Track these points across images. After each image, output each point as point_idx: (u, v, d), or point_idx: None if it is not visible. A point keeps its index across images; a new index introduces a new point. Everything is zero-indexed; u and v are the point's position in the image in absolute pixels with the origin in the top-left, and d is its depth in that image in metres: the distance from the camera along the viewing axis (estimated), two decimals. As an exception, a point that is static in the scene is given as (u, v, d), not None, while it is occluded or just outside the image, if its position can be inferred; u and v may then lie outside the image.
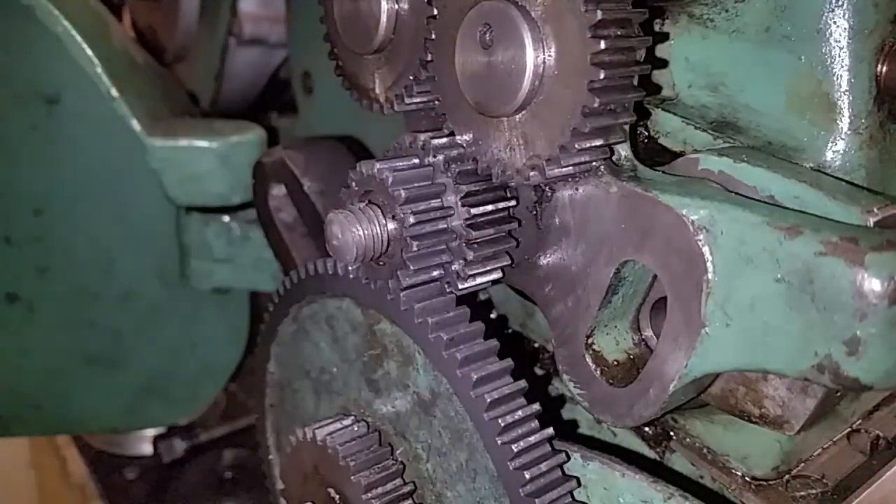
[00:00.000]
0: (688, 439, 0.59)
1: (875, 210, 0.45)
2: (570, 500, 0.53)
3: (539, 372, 0.70)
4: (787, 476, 0.55)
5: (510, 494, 0.52)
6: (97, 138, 0.96)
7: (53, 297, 1.02)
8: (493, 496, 0.54)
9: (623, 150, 0.51)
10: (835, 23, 0.48)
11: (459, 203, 0.52)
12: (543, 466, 0.52)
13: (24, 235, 0.99)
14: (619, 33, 0.45)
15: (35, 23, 0.90)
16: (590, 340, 0.53)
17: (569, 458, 0.54)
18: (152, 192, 0.96)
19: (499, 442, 0.51)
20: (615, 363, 0.53)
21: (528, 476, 0.51)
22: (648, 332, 0.54)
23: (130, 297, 1.04)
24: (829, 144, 0.49)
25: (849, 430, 0.58)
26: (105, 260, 1.01)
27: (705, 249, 0.45)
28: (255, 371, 0.74)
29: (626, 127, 0.50)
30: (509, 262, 0.54)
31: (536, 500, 0.51)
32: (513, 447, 0.51)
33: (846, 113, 0.49)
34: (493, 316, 0.72)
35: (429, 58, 0.55)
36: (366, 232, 0.51)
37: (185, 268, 1.02)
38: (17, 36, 0.91)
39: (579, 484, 0.54)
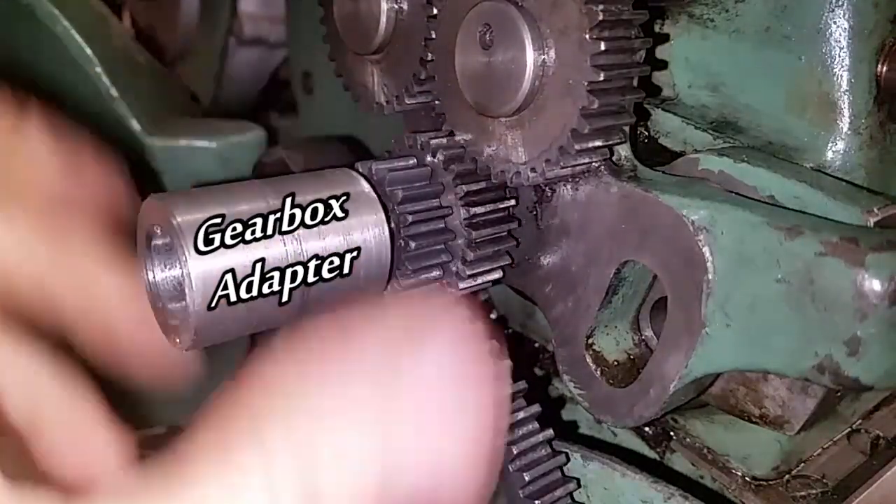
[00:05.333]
0: (688, 439, 0.59)
1: (875, 210, 0.45)
2: (570, 501, 0.53)
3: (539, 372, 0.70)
4: (787, 476, 0.55)
5: (509, 496, 0.52)
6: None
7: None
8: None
9: (623, 151, 0.51)
10: (835, 23, 0.48)
11: (459, 203, 0.52)
12: (543, 468, 0.52)
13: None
14: (619, 34, 0.45)
15: (35, 22, 0.90)
16: (590, 340, 0.53)
17: (569, 459, 0.54)
18: (152, 191, 0.96)
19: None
20: (615, 363, 0.53)
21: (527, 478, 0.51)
22: (648, 332, 0.54)
23: (131, 297, 1.04)
24: (829, 144, 0.49)
25: (849, 430, 0.58)
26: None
27: (705, 250, 0.45)
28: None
29: (626, 127, 0.50)
30: (509, 262, 0.54)
31: (536, 502, 0.51)
32: (513, 449, 0.51)
33: (846, 113, 0.49)
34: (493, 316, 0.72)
35: (429, 58, 0.55)
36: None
37: (185, 268, 1.02)
38: (17, 35, 0.91)
39: (579, 485, 0.54)
